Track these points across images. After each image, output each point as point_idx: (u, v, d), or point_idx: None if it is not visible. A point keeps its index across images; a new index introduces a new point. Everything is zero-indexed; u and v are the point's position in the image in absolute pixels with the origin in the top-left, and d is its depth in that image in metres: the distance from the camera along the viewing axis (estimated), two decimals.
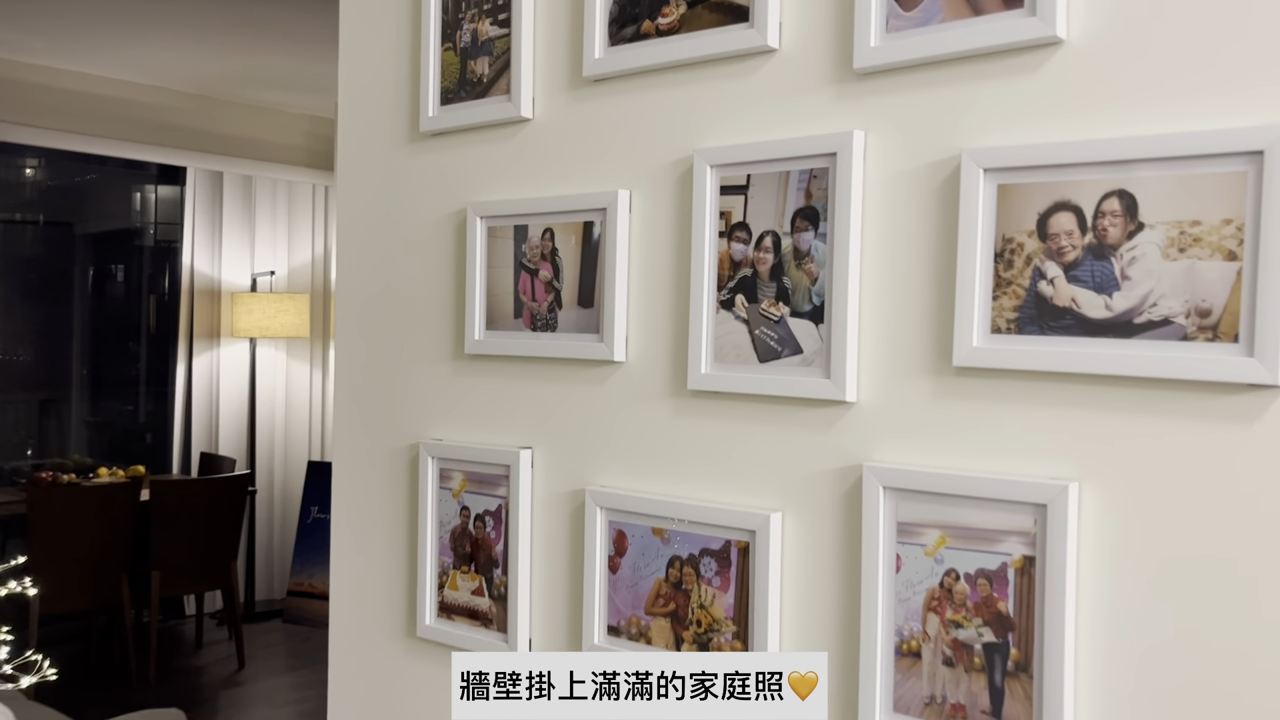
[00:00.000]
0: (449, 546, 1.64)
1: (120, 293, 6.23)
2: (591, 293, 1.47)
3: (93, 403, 6.12)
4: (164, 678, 5.10)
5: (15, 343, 5.75)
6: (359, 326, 1.78)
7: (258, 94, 5.93)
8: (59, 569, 4.61)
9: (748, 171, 1.32)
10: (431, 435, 1.68)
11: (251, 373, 6.17)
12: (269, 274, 6.20)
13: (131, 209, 6.26)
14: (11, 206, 5.81)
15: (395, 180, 1.73)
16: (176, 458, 6.01)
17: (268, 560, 6.30)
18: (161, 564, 4.98)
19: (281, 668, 5.29)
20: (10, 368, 5.72)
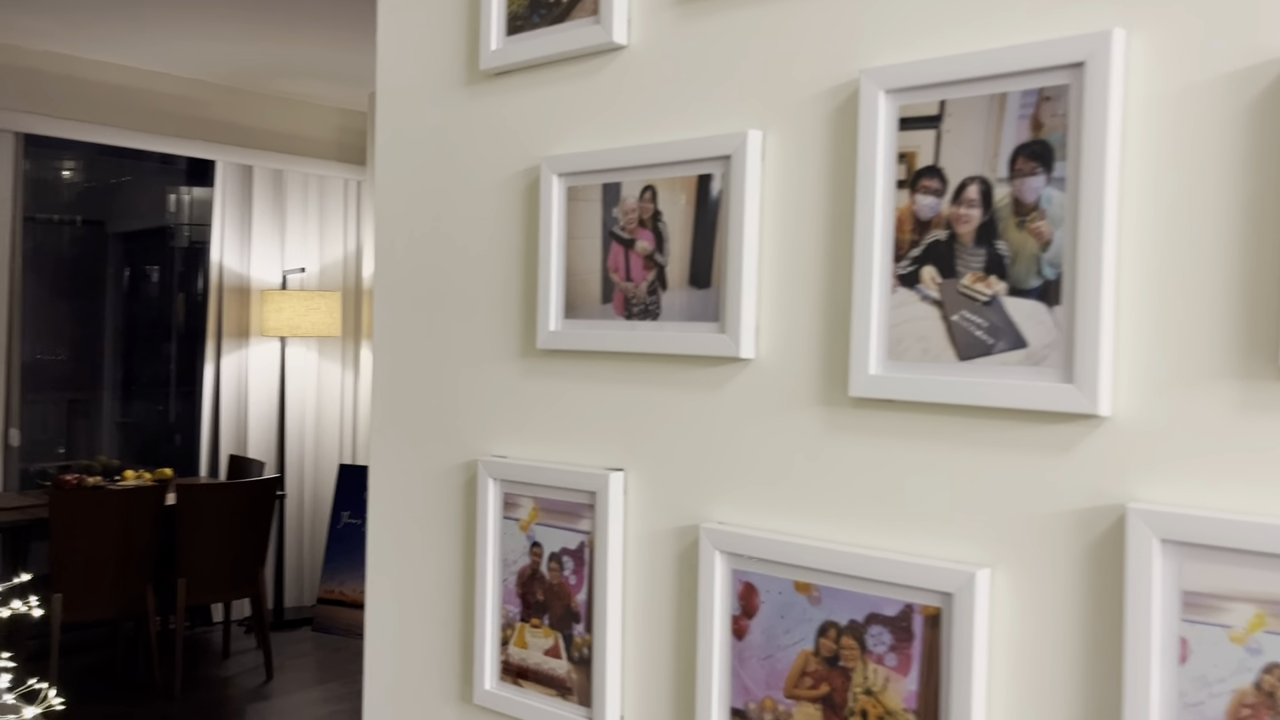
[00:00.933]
0: (515, 592, 1.25)
1: (151, 292, 5.90)
2: (708, 268, 1.09)
3: (123, 403, 5.79)
4: (190, 688, 4.75)
5: (49, 342, 5.43)
6: (400, 317, 1.40)
7: (289, 85, 5.59)
8: (82, 576, 4.27)
9: (941, 96, 0.93)
10: (493, 451, 1.30)
11: (281, 373, 5.82)
12: (299, 271, 5.85)
13: (164, 208, 5.93)
14: (48, 206, 5.49)
15: (447, 135, 1.35)
16: (205, 460, 5.67)
17: (297, 567, 5.95)
18: (188, 570, 4.64)
19: (311, 679, 4.94)
20: (44, 367, 5.39)
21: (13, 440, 4.97)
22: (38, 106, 4.93)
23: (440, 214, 1.35)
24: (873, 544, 0.98)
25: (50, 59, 4.96)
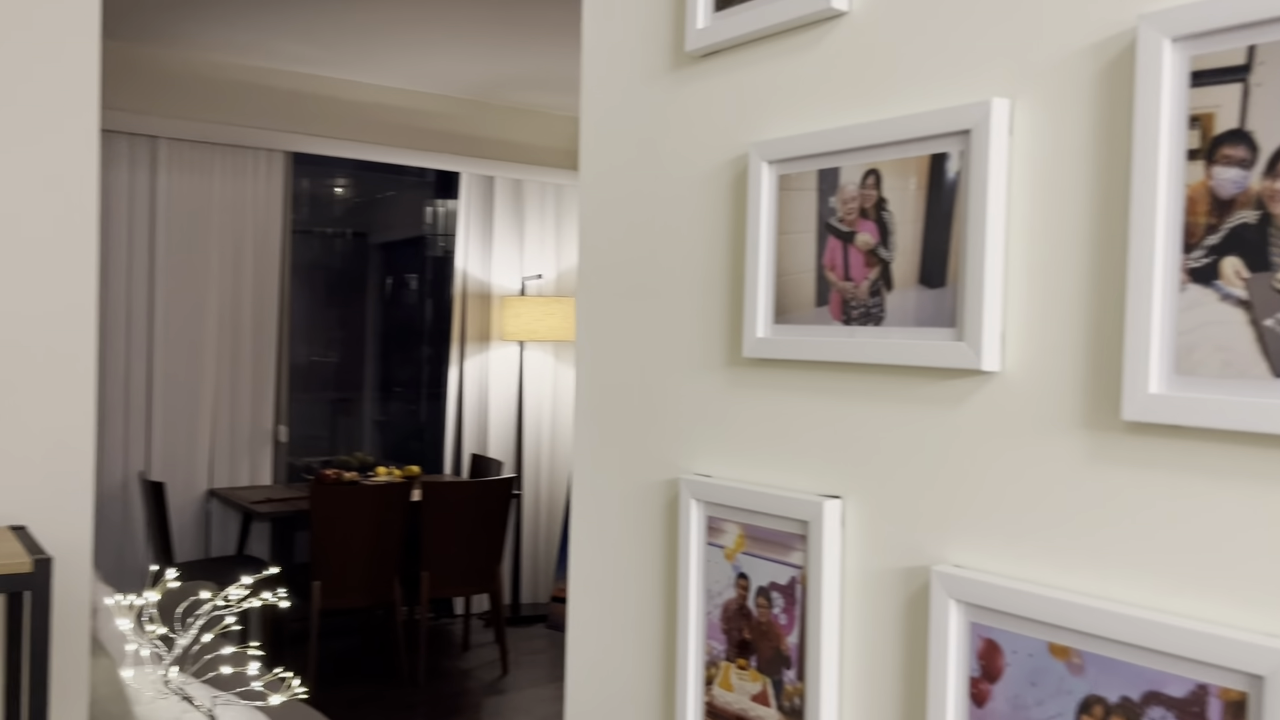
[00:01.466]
0: (720, 628, 1.12)
1: (407, 299, 6.21)
2: (942, 264, 0.92)
3: (380, 403, 6.13)
4: (431, 678, 4.94)
5: (315, 346, 5.83)
6: (601, 323, 1.30)
7: (527, 97, 5.72)
8: (338, 565, 4.52)
9: (1249, 40, 0.72)
10: (695, 470, 1.17)
11: (520, 376, 5.97)
12: (536, 277, 5.98)
13: (421, 220, 6.24)
14: (315, 220, 5.90)
15: (649, 127, 1.24)
16: (449, 458, 5.90)
17: (533, 564, 6.09)
18: (431, 564, 4.82)
19: (544, 676, 5.01)
20: (310, 369, 5.79)
21: (281, 436, 5.34)
22: (303, 127, 5.29)
23: (641, 213, 1.25)
24: (1154, 604, 0.78)
25: (314, 81, 5.31)
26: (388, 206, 6.22)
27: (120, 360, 4.85)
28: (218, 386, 5.11)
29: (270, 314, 5.25)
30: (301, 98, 5.27)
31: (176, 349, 4.99)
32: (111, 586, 4.84)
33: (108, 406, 4.84)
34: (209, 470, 5.10)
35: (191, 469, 5.06)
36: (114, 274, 4.83)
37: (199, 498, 5.08)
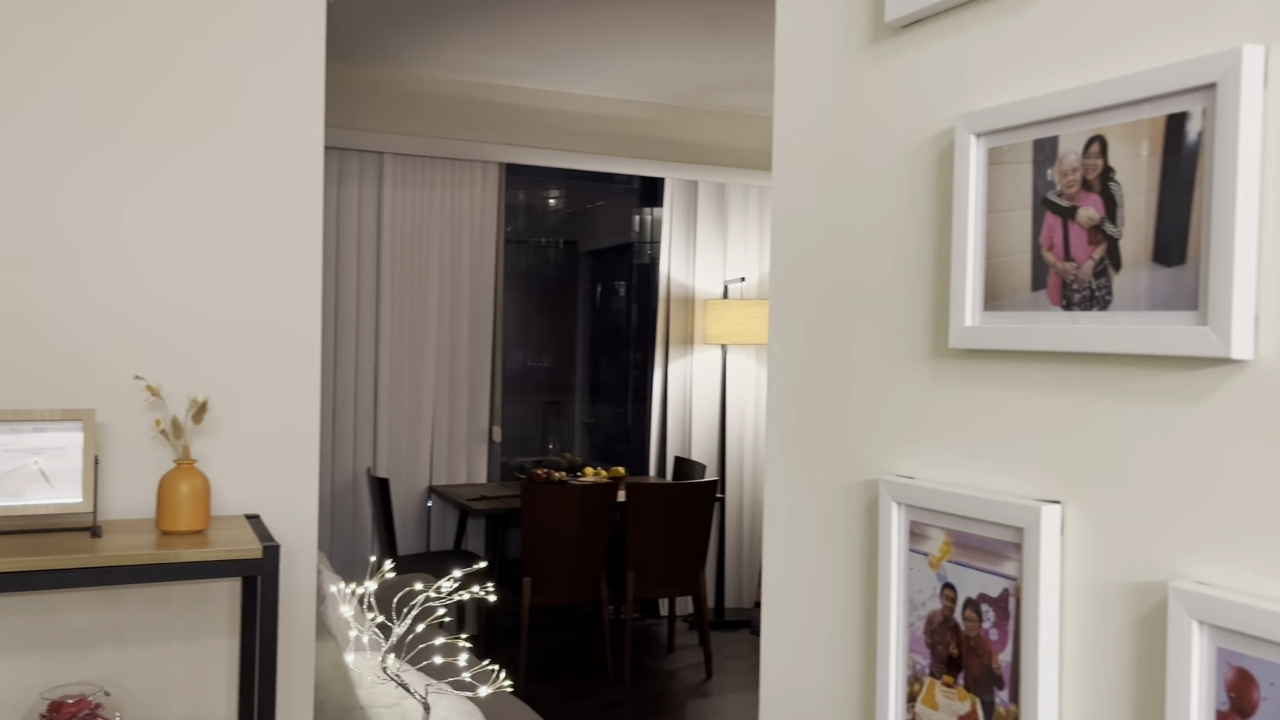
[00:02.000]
0: (924, 641, 1.04)
1: (615, 304, 6.32)
2: (1182, 238, 0.80)
3: (588, 406, 6.26)
4: (636, 677, 4.97)
5: (527, 351, 6.02)
6: (794, 316, 1.24)
7: (730, 99, 5.69)
8: (547, 562, 4.64)
9: None
10: (896, 470, 1.09)
11: (723, 380, 5.94)
12: (740, 280, 5.94)
13: (629, 227, 6.33)
14: (535, 229, 6.10)
15: (845, 106, 1.17)
16: (653, 461, 5.94)
17: (736, 568, 6.04)
18: (636, 565, 4.86)
19: (748, 682, 4.95)
20: (528, 373, 5.99)
21: (495, 437, 5.54)
22: (516, 138, 5.47)
23: (836, 197, 1.18)
24: None
25: (525, 94, 5.48)
26: (596, 215, 6.35)
27: (350, 364, 5.16)
28: (437, 388, 5.35)
29: (485, 319, 5.45)
30: (514, 110, 5.46)
31: (400, 353, 5.26)
32: (341, 576, 5.15)
33: (339, 407, 5.17)
34: (429, 468, 5.35)
35: (414, 466, 5.32)
36: (345, 284, 5.15)
37: (420, 494, 5.34)
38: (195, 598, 2.15)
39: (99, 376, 2.06)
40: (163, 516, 1.93)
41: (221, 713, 2.19)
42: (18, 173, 2.00)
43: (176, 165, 2.11)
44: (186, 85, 2.11)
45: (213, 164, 2.14)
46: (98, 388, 2.05)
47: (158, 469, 2.07)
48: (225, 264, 2.15)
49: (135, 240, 2.08)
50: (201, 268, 2.14)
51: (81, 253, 2.05)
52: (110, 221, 2.07)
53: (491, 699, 3.26)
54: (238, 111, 2.15)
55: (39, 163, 2.01)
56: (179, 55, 2.10)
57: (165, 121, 2.09)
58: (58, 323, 2.03)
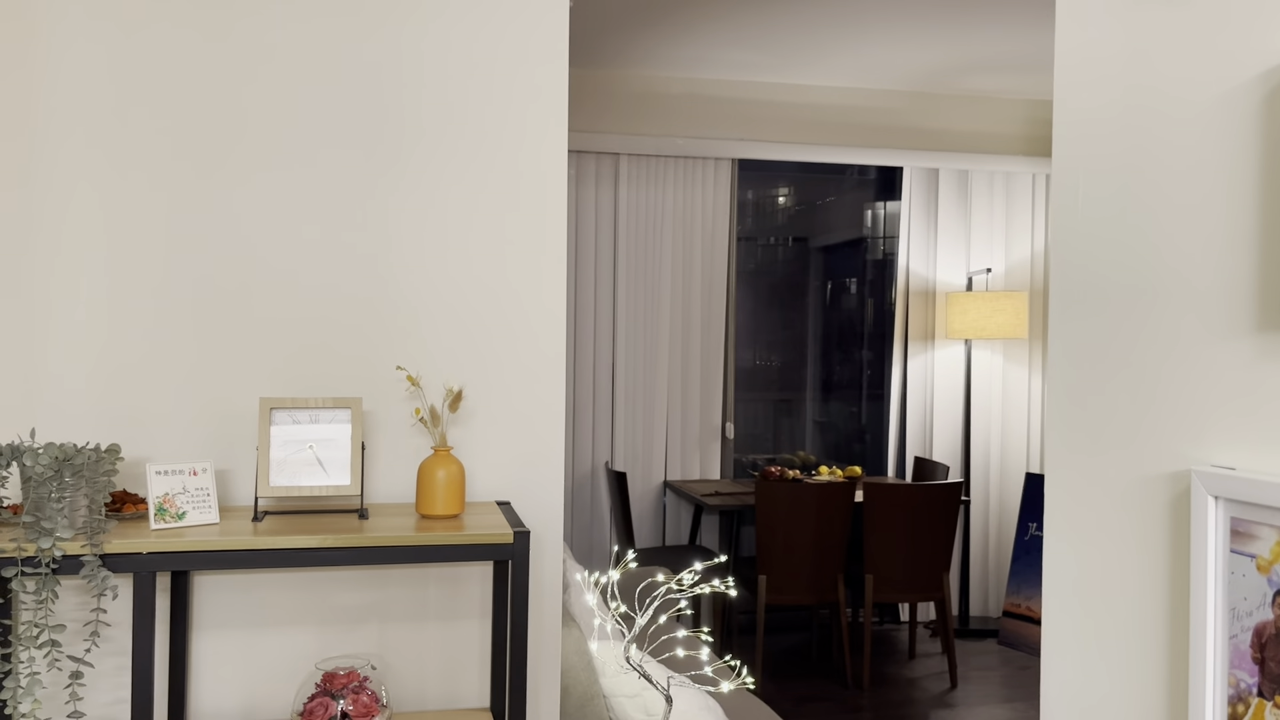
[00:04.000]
0: (1250, 656, 0.90)
1: (847, 301, 6.16)
2: None
3: (820, 404, 6.13)
4: (876, 683, 4.81)
5: (758, 349, 5.97)
6: (1081, 288, 1.11)
7: (973, 83, 5.41)
8: (782, 561, 4.56)
9: None
10: (1212, 461, 0.95)
11: (967, 376, 5.65)
12: (985, 272, 5.63)
13: (860, 222, 6.16)
14: (766, 227, 6.06)
15: (1145, 46, 1.03)
16: (891, 461, 5.73)
17: (982, 575, 5.73)
18: (874, 568, 4.69)
19: (995, 695, 4.68)
20: (760, 371, 5.94)
21: (728, 433, 5.51)
22: (748, 133, 5.42)
23: (1134, 152, 1.04)
24: None
25: (755, 88, 5.43)
26: (828, 210, 6.21)
27: (589, 361, 5.28)
28: (670, 385, 5.38)
29: (718, 316, 5.44)
30: (745, 104, 5.41)
31: (635, 350, 5.34)
32: (582, 566, 5.27)
33: (579, 402, 5.30)
34: (664, 462, 5.39)
35: (649, 461, 5.38)
36: (583, 284, 5.28)
37: (656, 488, 5.39)
38: (450, 580, 2.23)
39: (365, 368, 2.18)
40: (422, 501, 2.01)
41: (474, 692, 2.27)
42: (293, 185, 2.14)
43: (434, 171, 2.20)
44: (438, 93, 2.19)
45: (466, 170, 2.22)
46: (364, 379, 2.17)
47: (417, 455, 2.17)
48: (477, 263, 2.22)
49: (398, 242, 2.19)
50: (457, 267, 2.22)
51: (351, 256, 2.17)
52: (376, 225, 2.18)
53: (731, 696, 3.23)
54: (488, 114, 2.22)
55: (311, 170, 2.15)
56: (427, 60, 2.19)
57: (422, 127, 2.19)
58: (330, 317, 2.16)
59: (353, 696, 1.99)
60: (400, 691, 2.22)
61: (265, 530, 1.88)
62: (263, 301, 2.13)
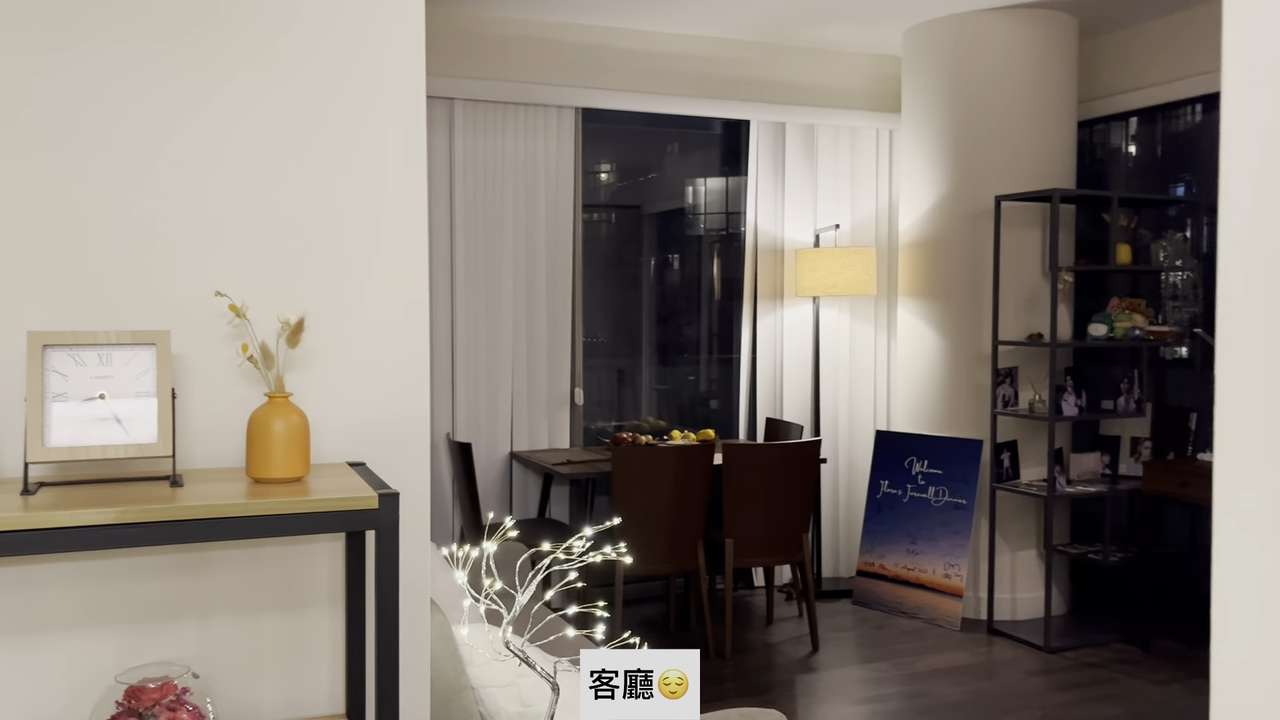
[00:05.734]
0: None
1: (693, 261, 5.90)
2: None
3: (669, 368, 5.86)
4: (738, 651, 4.59)
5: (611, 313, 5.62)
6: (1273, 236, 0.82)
7: (819, 34, 5.23)
8: (641, 530, 4.26)
9: None
10: None
11: (815, 335, 5.52)
12: (833, 228, 5.50)
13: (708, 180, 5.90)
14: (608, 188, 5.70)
15: None
16: (743, 423, 5.54)
17: (834, 535, 5.62)
18: (734, 531, 4.47)
19: (854, 656, 4.55)
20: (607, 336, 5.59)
21: (577, 399, 5.16)
22: (592, 80, 5.06)
23: None
24: None
25: (601, 33, 5.07)
26: (674, 167, 5.93)
27: None
28: (515, 349, 4.98)
29: (564, 275, 5.07)
30: (587, 50, 5.05)
31: (476, 312, 4.90)
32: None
33: None
34: (510, 432, 5.00)
35: (494, 431, 4.96)
36: None
37: (502, 460, 4.98)
38: (291, 560, 1.79)
39: (171, 296, 1.70)
40: (255, 461, 1.57)
41: (325, 695, 1.84)
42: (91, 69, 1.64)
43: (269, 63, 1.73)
44: None
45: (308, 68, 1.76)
46: (169, 310, 1.69)
47: (244, 408, 1.71)
48: (318, 177, 1.78)
49: (217, 149, 1.72)
50: (297, 180, 1.76)
51: (156, 161, 1.68)
52: (196, 128, 1.70)
53: None
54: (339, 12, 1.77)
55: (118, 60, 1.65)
56: None
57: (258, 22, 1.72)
58: (120, 233, 1.67)
59: (168, 715, 1.53)
60: (231, 702, 1.76)
61: (40, 505, 1.40)
62: (32, 222, 1.62)
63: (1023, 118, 4.92)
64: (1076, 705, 3.93)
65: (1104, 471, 4.85)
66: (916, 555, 5.08)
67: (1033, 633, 4.75)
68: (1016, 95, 4.90)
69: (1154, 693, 4.06)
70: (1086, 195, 4.79)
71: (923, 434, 5.17)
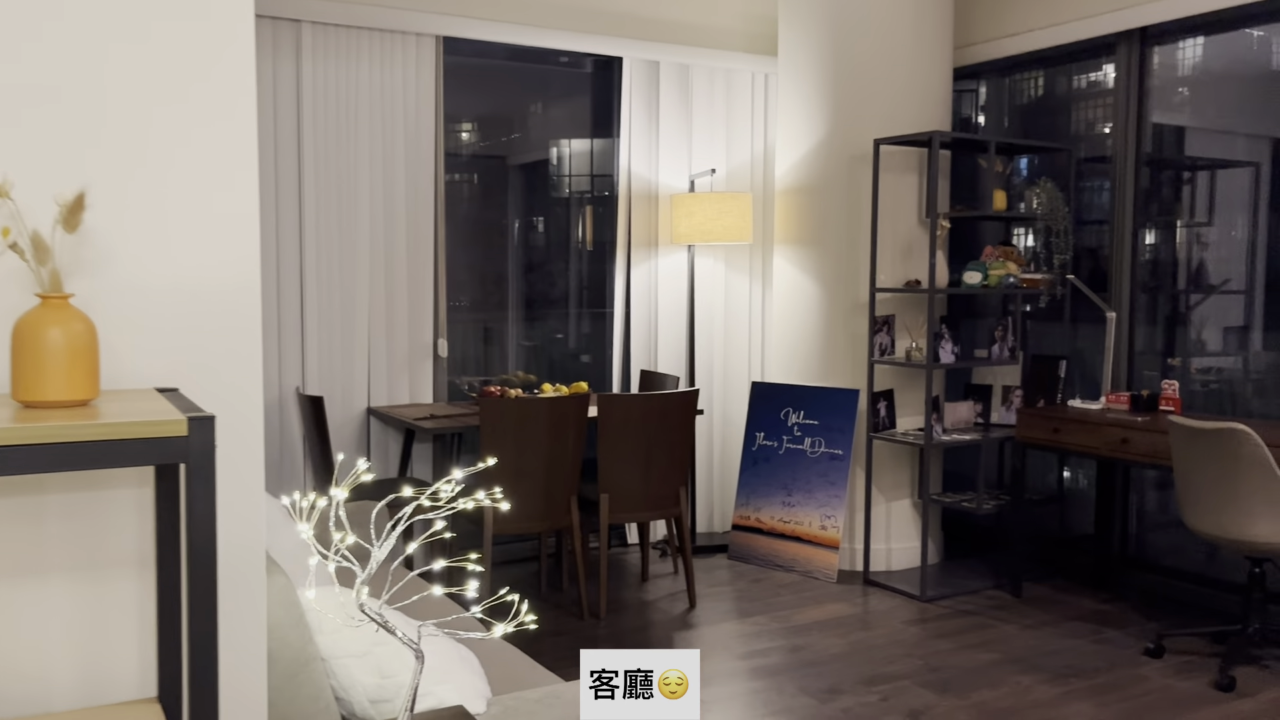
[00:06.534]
0: None
1: (562, 207, 5.58)
2: None
3: (538, 321, 5.55)
4: (613, 611, 4.36)
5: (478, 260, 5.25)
6: None
7: None
8: (512, 487, 3.96)
9: None
10: None
11: (690, 284, 5.30)
12: (709, 173, 5.28)
13: (582, 122, 5.57)
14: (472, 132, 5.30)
15: None
16: (616, 375, 5.29)
17: (708, 489, 5.45)
18: (610, 486, 4.22)
19: (732, 611, 4.39)
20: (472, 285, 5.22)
21: (441, 351, 4.81)
22: (455, 8, 4.67)
23: None
24: None
25: None
26: (546, 107, 5.58)
27: (272, 267, 4.35)
28: (373, 296, 4.58)
29: (425, 217, 4.69)
30: None
31: (328, 255, 4.47)
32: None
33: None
34: (368, 386, 4.60)
35: (350, 384, 4.56)
36: (263, 174, 4.32)
37: (358, 415, 4.59)
38: (85, 513, 1.43)
39: None
40: (23, 380, 1.21)
41: (133, 678, 1.49)
42: None
43: None
44: None
45: None
46: None
47: (9, 314, 1.33)
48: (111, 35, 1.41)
49: None
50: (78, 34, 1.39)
51: None
52: None
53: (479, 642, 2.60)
54: None
55: None
56: None
57: None
58: None
59: None
60: (9, 693, 1.40)
61: None
62: None
63: (900, 63, 4.79)
64: (954, 653, 3.87)
65: (977, 420, 4.81)
66: (792, 508, 4.95)
67: (908, 582, 4.70)
68: (893, 39, 4.77)
69: (1027, 637, 4.04)
70: (965, 139, 4.70)
71: (799, 384, 5.04)
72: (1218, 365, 4.57)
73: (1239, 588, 4.18)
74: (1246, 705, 3.37)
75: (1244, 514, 3.39)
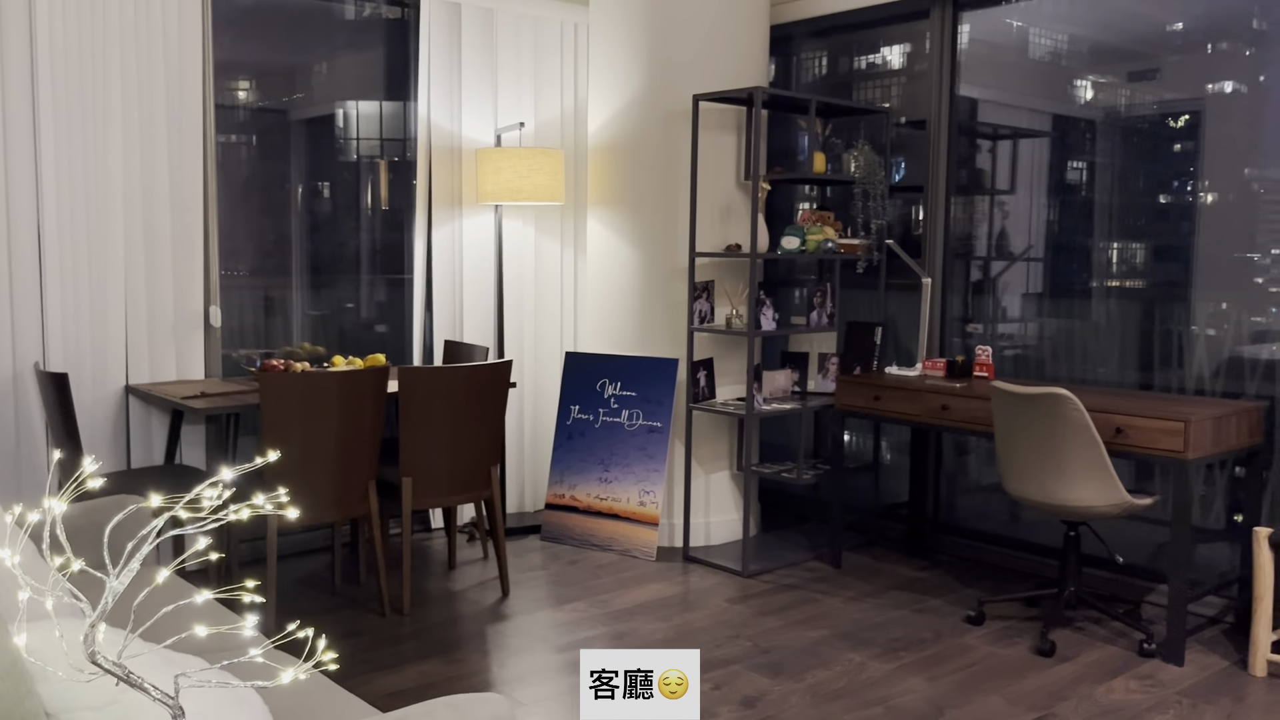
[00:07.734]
0: None
1: (353, 164, 5.03)
2: None
3: (325, 289, 5.00)
4: (418, 605, 3.96)
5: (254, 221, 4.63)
6: None
7: None
8: (301, 474, 3.48)
9: None
10: None
11: (499, 247, 4.92)
12: (518, 127, 4.89)
13: (374, 69, 5.02)
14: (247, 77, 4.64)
15: None
16: (418, 347, 4.84)
17: (519, 467, 5.12)
18: (413, 469, 3.81)
19: (549, 599, 4.09)
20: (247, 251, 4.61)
21: (214, 320, 4.21)
22: None
23: None
24: None
25: None
26: (335, 54, 5.00)
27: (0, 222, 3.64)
28: (129, 257, 3.94)
29: (193, 167, 4.07)
30: None
31: (73, 209, 3.79)
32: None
33: None
34: (125, 360, 3.96)
35: (103, 359, 3.90)
36: None
37: (114, 394, 3.95)
38: None
39: None
40: None
41: None
42: None
43: None
44: None
45: None
46: None
47: None
48: None
49: None
50: None
51: None
52: None
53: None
54: None
55: None
56: None
57: None
58: None
59: None
60: None
61: None
62: None
63: (720, 16, 4.57)
64: (782, 631, 3.72)
65: (794, 389, 4.70)
66: (609, 484, 4.69)
67: (728, 557, 4.54)
68: None
69: (852, 610, 3.95)
70: (786, 96, 4.53)
71: (615, 354, 4.77)
72: (1018, 332, 4.64)
73: (1048, 550, 4.26)
74: (1069, 669, 3.39)
75: (1065, 478, 3.39)
